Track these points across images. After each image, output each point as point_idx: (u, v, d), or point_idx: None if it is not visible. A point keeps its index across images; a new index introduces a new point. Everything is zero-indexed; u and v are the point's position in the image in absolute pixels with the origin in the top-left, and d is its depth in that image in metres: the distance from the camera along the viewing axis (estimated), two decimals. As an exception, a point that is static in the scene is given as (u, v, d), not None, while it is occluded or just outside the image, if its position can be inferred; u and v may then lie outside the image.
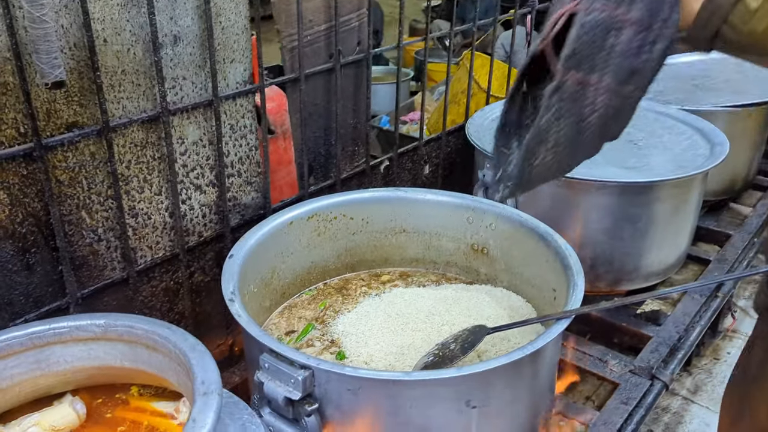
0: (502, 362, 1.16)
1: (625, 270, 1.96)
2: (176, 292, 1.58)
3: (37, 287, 1.30)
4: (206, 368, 0.96)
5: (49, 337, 1.06)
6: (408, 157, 2.17)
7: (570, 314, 1.33)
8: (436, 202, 1.78)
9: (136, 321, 1.06)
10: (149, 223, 1.46)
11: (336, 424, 1.23)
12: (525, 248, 1.65)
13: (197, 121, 1.48)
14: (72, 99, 1.24)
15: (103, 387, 1.18)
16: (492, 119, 2.25)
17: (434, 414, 1.21)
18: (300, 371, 1.18)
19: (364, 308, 1.62)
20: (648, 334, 1.91)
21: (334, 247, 1.77)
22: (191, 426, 0.85)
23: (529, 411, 1.36)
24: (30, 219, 1.25)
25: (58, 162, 1.26)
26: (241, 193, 1.65)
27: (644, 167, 1.92)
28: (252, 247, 1.52)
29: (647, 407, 1.64)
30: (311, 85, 1.75)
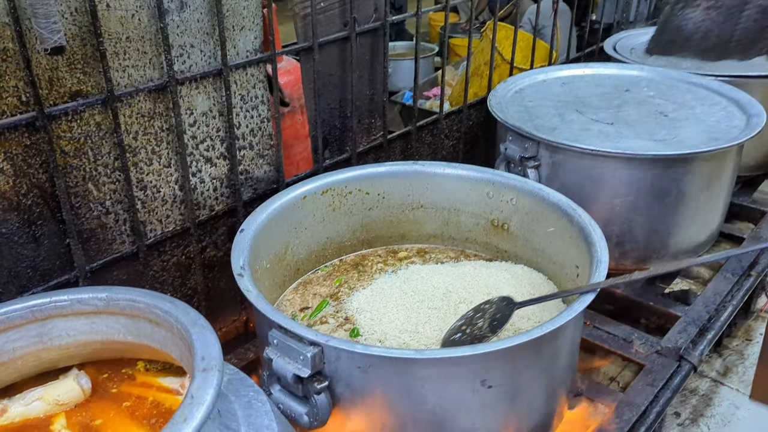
0: (519, 341, 1.11)
1: (653, 247, 1.88)
2: (188, 267, 1.55)
3: (45, 260, 1.28)
4: (207, 344, 0.92)
5: (50, 310, 1.03)
6: (428, 131, 2.11)
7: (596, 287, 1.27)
8: (455, 176, 1.72)
9: (138, 294, 1.03)
10: (158, 196, 1.43)
11: (347, 402, 1.20)
12: (547, 224, 1.59)
13: (206, 91, 1.43)
14: (75, 66, 1.21)
15: (110, 362, 1.16)
16: (515, 91, 2.17)
17: (448, 394, 1.16)
18: (309, 348, 1.15)
19: (380, 285, 1.58)
20: (676, 313, 1.83)
21: (349, 223, 1.73)
22: (188, 403, 0.81)
23: (549, 392, 1.31)
24: (35, 190, 1.23)
25: (63, 132, 1.23)
26: (254, 166, 1.60)
27: (674, 140, 1.83)
28: (264, 222, 1.49)
29: (674, 389, 1.57)
30: (325, 54, 1.69)
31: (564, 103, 2.09)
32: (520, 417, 1.26)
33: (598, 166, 1.78)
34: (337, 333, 1.47)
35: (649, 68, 2.32)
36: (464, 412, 1.19)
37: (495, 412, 1.22)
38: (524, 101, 2.10)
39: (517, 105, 2.07)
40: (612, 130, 1.90)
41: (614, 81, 2.27)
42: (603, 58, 2.62)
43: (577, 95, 2.15)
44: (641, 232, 1.84)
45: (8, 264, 1.22)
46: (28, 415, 1.06)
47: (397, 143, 2.01)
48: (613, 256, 1.88)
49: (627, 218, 1.82)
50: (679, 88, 2.19)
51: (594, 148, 1.75)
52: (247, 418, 1.00)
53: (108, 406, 1.09)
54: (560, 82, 2.27)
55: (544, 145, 1.82)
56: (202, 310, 1.61)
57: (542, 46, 2.64)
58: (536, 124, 1.91)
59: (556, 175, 1.84)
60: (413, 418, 1.19)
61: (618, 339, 1.75)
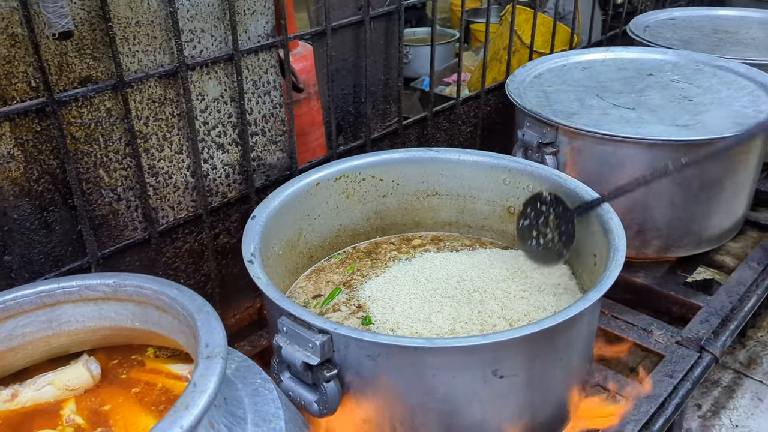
0: (531, 330, 1.09)
1: (676, 236, 1.83)
2: (201, 253, 1.54)
3: (57, 246, 1.28)
4: (212, 331, 0.91)
5: (58, 296, 1.04)
6: (444, 117, 2.08)
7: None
8: (470, 163, 1.69)
9: (146, 281, 1.02)
10: (170, 183, 1.42)
11: (356, 391, 1.18)
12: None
13: (218, 77, 1.42)
14: (84, 52, 1.20)
15: (120, 348, 1.16)
16: (534, 76, 2.13)
17: (458, 383, 1.15)
18: (318, 336, 1.13)
19: (393, 273, 1.56)
20: (698, 303, 1.79)
21: (363, 210, 1.71)
22: (191, 390, 0.81)
23: (564, 382, 1.28)
24: (46, 177, 1.23)
25: (73, 118, 1.23)
26: (266, 152, 1.59)
27: (698, 125, 1.78)
28: (276, 209, 1.47)
29: (694, 381, 1.53)
30: (339, 39, 1.67)
31: (584, 87, 2.05)
32: (533, 408, 1.24)
33: (618, 152, 1.74)
34: (349, 321, 1.46)
35: (674, 52, 2.26)
36: (475, 401, 1.17)
37: (507, 403, 1.20)
38: (543, 86, 2.05)
39: (535, 90, 2.02)
40: (633, 115, 1.85)
41: (637, 65, 2.22)
42: (626, 42, 2.55)
43: (597, 80, 2.10)
44: (663, 220, 1.80)
45: (20, 250, 1.23)
46: (38, 400, 1.06)
47: (413, 129, 1.98)
48: (634, 245, 1.84)
49: (648, 206, 1.78)
50: (704, 72, 2.13)
51: (614, 133, 1.71)
52: (253, 406, 0.99)
53: (117, 391, 1.09)
54: (581, 66, 2.22)
55: (563, 131, 1.78)
56: (215, 297, 1.61)
57: (563, 29, 2.58)
58: (555, 110, 1.87)
59: (574, 162, 1.80)
60: (423, 407, 1.17)
61: (637, 329, 1.71)
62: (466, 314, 1.39)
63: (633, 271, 1.91)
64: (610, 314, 1.76)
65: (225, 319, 1.67)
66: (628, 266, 1.91)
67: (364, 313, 1.47)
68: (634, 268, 1.92)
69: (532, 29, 2.30)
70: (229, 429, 0.91)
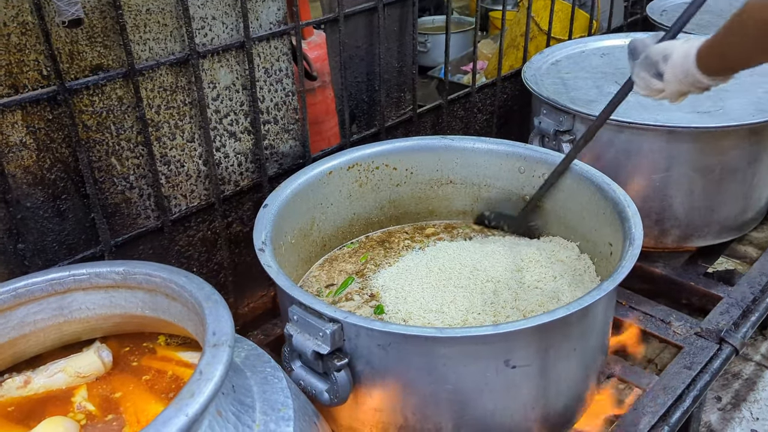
0: (542, 320, 1.07)
1: (695, 225, 1.79)
2: (214, 242, 1.54)
3: (70, 234, 1.29)
4: (219, 319, 0.91)
5: (69, 284, 1.04)
6: (460, 105, 2.05)
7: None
8: (485, 151, 1.67)
9: (155, 269, 1.02)
10: (182, 171, 1.42)
11: (367, 380, 1.18)
12: (580, 200, 1.53)
13: (229, 65, 1.41)
14: (95, 40, 1.20)
15: (132, 335, 1.17)
16: (552, 62, 2.10)
17: (470, 373, 1.13)
18: (328, 324, 1.13)
19: (406, 262, 1.55)
20: (718, 294, 1.75)
21: (376, 199, 1.70)
22: (197, 378, 0.81)
23: (578, 373, 1.26)
24: (58, 165, 1.23)
25: (85, 106, 1.23)
26: (279, 141, 1.58)
27: (719, 111, 1.73)
28: (288, 198, 1.47)
29: (713, 373, 1.50)
30: (352, 25, 1.65)
31: (603, 74, 2.01)
32: (546, 399, 1.22)
33: (636, 139, 1.70)
34: (362, 310, 1.45)
35: (695, 37, 2.20)
36: (487, 392, 1.16)
37: (519, 393, 1.18)
38: (560, 73, 2.02)
39: (552, 77, 1.99)
40: (652, 102, 1.80)
41: (657, 51, 2.16)
42: (648, 27, 2.50)
43: (616, 66, 2.06)
44: (682, 209, 1.76)
45: (34, 238, 1.23)
46: (50, 387, 1.07)
47: (428, 118, 1.96)
48: (653, 234, 1.81)
49: (667, 194, 1.75)
50: (696, 37, 2.07)
51: (632, 120, 1.68)
52: (262, 394, 0.99)
53: (128, 379, 1.09)
54: (599, 52, 2.17)
55: (580, 118, 1.75)
56: (228, 286, 1.61)
57: (582, 15, 2.53)
58: (572, 97, 1.84)
59: (592, 150, 1.76)
60: (434, 397, 1.16)
61: (655, 320, 1.68)
62: (479, 305, 1.37)
63: (651, 260, 1.88)
64: (628, 304, 1.73)
65: (239, 308, 1.67)
66: (646, 256, 1.89)
67: (376, 302, 1.46)
68: (653, 257, 1.88)
69: (550, 15, 2.26)
70: (237, 417, 0.91)
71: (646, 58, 1.30)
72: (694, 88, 1.25)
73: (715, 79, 1.22)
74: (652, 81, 1.30)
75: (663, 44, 1.29)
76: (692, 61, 1.21)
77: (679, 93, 1.28)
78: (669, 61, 1.25)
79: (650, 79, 1.30)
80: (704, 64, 1.20)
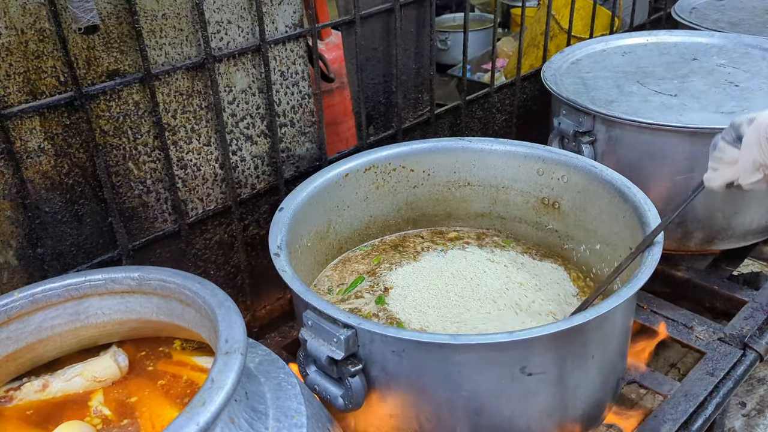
0: (559, 328, 1.05)
1: (718, 228, 1.75)
2: (230, 245, 1.55)
3: (88, 239, 1.30)
4: (232, 326, 0.90)
5: (85, 289, 1.05)
6: (478, 105, 2.03)
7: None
8: (503, 153, 1.65)
9: (170, 274, 1.03)
10: (199, 175, 1.42)
11: (382, 386, 1.17)
12: (600, 203, 1.50)
13: (245, 68, 1.41)
14: (111, 45, 1.21)
15: (148, 340, 1.17)
16: (572, 61, 2.07)
17: (485, 380, 1.12)
18: (342, 330, 1.12)
19: (422, 264, 1.54)
20: (743, 298, 1.72)
21: (393, 201, 1.69)
22: (208, 386, 0.80)
23: (596, 380, 1.24)
24: (76, 170, 1.24)
25: (102, 111, 1.24)
26: (295, 143, 1.58)
27: (744, 112, 1.68)
28: (304, 200, 1.47)
29: (736, 380, 1.47)
30: (368, 27, 1.64)
31: (624, 73, 1.97)
32: (564, 407, 1.21)
33: (658, 141, 1.67)
34: (369, 306, 1.44)
35: (720, 35, 2.17)
36: (503, 399, 1.15)
37: (536, 401, 1.17)
38: (581, 72, 1.99)
39: (573, 77, 1.96)
40: (675, 102, 1.78)
41: (681, 49, 2.13)
42: (671, 25, 2.46)
43: (638, 65, 2.02)
44: (705, 211, 1.73)
45: (52, 243, 1.25)
46: (68, 391, 1.08)
47: (446, 119, 1.95)
48: (675, 237, 1.78)
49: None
50: (753, 56, 2.03)
51: (654, 121, 1.64)
52: (275, 401, 0.99)
53: (144, 383, 1.10)
54: (621, 51, 2.14)
55: (600, 119, 1.72)
56: (245, 288, 1.62)
57: (604, 13, 2.50)
58: (592, 97, 1.81)
59: (612, 151, 1.74)
60: (450, 403, 1.15)
61: (677, 324, 1.65)
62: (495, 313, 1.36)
63: (674, 263, 1.84)
64: (649, 309, 1.70)
65: (256, 311, 1.68)
66: (668, 259, 1.85)
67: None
68: (675, 260, 1.85)
69: (571, 13, 2.23)
70: (249, 424, 0.91)
71: (731, 124, 1.15)
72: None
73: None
74: (727, 149, 1.15)
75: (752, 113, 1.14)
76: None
77: (754, 164, 1.11)
78: (754, 123, 1.12)
79: (726, 146, 1.15)
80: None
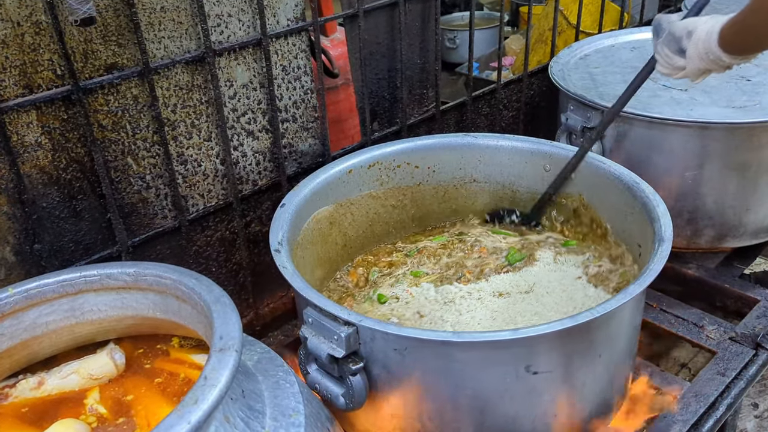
0: (564, 325, 1.03)
1: (730, 225, 1.72)
2: (232, 242, 1.53)
3: (86, 235, 1.29)
4: (227, 322, 0.88)
5: (80, 285, 1.03)
6: (485, 102, 2.01)
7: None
8: (509, 149, 1.63)
9: (165, 270, 1.01)
10: (199, 171, 1.41)
11: (384, 384, 1.15)
12: (608, 199, 1.47)
13: (246, 62, 1.39)
14: (109, 39, 1.19)
15: (146, 337, 1.15)
16: (580, 57, 2.03)
17: (489, 378, 1.09)
18: (343, 328, 1.10)
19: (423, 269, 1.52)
20: (755, 297, 1.68)
21: (398, 198, 1.66)
22: (201, 384, 0.78)
23: (604, 380, 1.21)
24: (74, 165, 1.23)
25: (100, 106, 1.22)
26: (297, 139, 1.56)
27: (756, 106, 1.66)
28: (306, 197, 1.44)
29: (748, 380, 1.44)
30: (372, 21, 1.62)
31: (633, 69, 1.93)
32: (571, 406, 1.18)
33: (667, 136, 1.64)
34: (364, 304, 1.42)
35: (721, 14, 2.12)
36: (507, 398, 1.12)
37: (542, 400, 1.14)
38: (589, 68, 1.96)
39: (581, 72, 1.93)
40: (685, 96, 1.74)
41: (691, 44, 2.09)
42: (681, 20, 2.42)
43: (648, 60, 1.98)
44: (716, 208, 1.69)
45: (50, 238, 1.23)
46: (63, 388, 1.06)
47: (452, 115, 1.92)
48: (685, 234, 1.74)
49: (700, 193, 1.68)
50: (721, 14, 1.98)
51: (664, 116, 1.61)
52: (273, 399, 0.97)
53: (140, 381, 1.08)
54: (630, 46, 2.10)
55: (608, 114, 1.69)
56: (248, 286, 1.60)
57: (613, 8, 2.46)
58: (600, 92, 1.78)
59: (621, 147, 1.70)
60: (453, 402, 1.13)
61: (688, 323, 1.62)
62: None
63: (684, 261, 1.81)
64: (659, 307, 1.67)
65: (258, 309, 1.66)
66: (678, 257, 1.82)
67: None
68: (686, 258, 1.81)
69: (579, 8, 2.20)
70: (245, 423, 0.89)
71: (670, 34, 1.28)
72: (715, 66, 1.23)
73: (736, 58, 1.19)
74: (673, 58, 1.28)
75: (687, 20, 1.26)
76: (715, 39, 1.18)
77: (699, 71, 1.26)
78: (692, 37, 1.23)
79: (672, 55, 1.28)
80: (726, 43, 1.18)
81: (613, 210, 1.46)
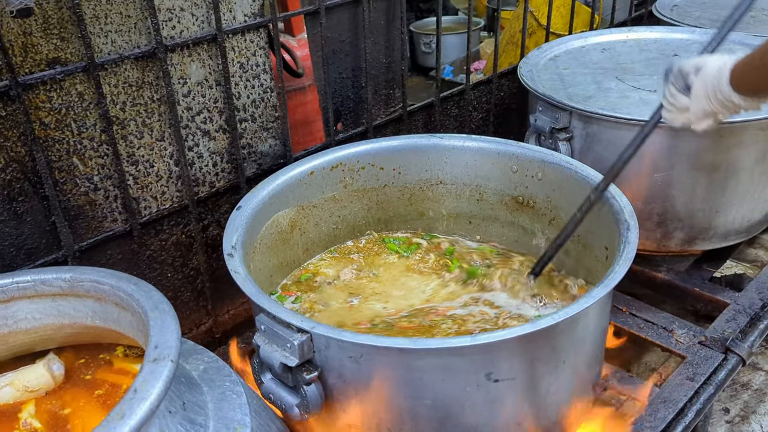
0: (525, 331, 0.98)
1: (700, 227, 1.70)
2: (189, 246, 1.47)
3: (29, 238, 1.22)
4: (164, 330, 0.83)
5: (12, 292, 0.97)
6: (453, 103, 1.97)
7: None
8: (476, 150, 1.59)
9: (104, 275, 0.95)
10: (152, 172, 1.35)
11: (340, 394, 1.10)
12: (575, 201, 1.43)
13: (201, 59, 1.34)
14: (51, 32, 1.13)
15: (89, 346, 1.09)
16: (550, 58, 2.01)
17: (449, 387, 1.05)
18: (296, 335, 1.05)
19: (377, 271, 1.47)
20: (725, 300, 1.66)
21: (363, 201, 1.62)
22: (130, 398, 0.73)
23: (569, 386, 1.17)
24: (14, 165, 1.16)
25: (41, 102, 1.16)
26: (257, 139, 1.51)
27: (725, 107, 1.64)
28: (265, 199, 1.39)
29: (717, 385, 1.41)
30: (335, 18, 1.58)
31: (603, 70, 1.92)
32: (535, 415, 1.13)
33: (636, 137, 1.61)
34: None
35: (701, 31, 2.11)
36: (468, 407, 1.07)
37: (504, 408, 1.10)
38: (558, 69, 1.93)
39: (550, 73, 1.90)
40: (654, 98, 1.72)
41: (661, 45, 2.07)
42: (653, 23, 2.40)
43: (618, 61, 1.97)
44: (685, 210, 1.67)
45: (-12, 242, 1.17)
46: (-3, 402, 1.00)
47: (420, 116, 1.88)
48: (655, 237, 1.72)
49: (669, 195, 1.65)
50: (734, 52, 1.97)
51: (632, 117, 1.59)
52: (218, 411, 0.91)
53: (80, 393, 1.02)
54: (600, 48, 2.08)
55: (577, 115, 1.66)
56: (206, 292, 1.54)
57: (584, 10, 2.45)
58: (569, 93, 1.75)
59: (589, 148, 1.68)
60: (411, 412, 1.08)
61: (657, 327, 1.59)
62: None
63: (654, 265, 1.78)
64: (628, 311, 1.64)
65: (218, 315, 1.60)
66: (648, 260, 1.79)
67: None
68: (655, 261, 1.79)
69: (549, 9, 2.18)
70: (185, 437, 0.84)
71: (678, 70, 1.17)
72: (722, 109, 1.12)
73: (748, 99, 1.09)
74: (678, 96, 1.18)
75: (697, 57, 1.16)
76: (726, 76, 1.09)
77: (704, 113, 1.15)
78: (700, 72, 1.13)
79: (677, 94, 1.18)
80: (739, 80, 1.08)
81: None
